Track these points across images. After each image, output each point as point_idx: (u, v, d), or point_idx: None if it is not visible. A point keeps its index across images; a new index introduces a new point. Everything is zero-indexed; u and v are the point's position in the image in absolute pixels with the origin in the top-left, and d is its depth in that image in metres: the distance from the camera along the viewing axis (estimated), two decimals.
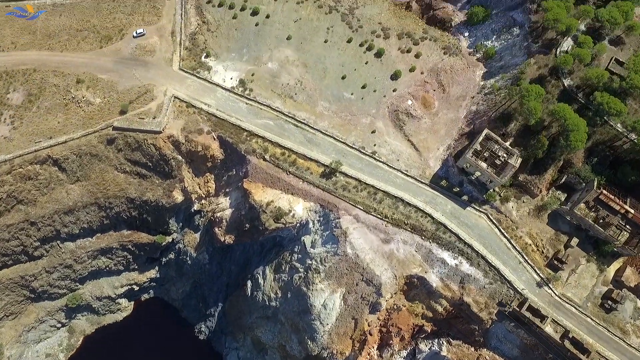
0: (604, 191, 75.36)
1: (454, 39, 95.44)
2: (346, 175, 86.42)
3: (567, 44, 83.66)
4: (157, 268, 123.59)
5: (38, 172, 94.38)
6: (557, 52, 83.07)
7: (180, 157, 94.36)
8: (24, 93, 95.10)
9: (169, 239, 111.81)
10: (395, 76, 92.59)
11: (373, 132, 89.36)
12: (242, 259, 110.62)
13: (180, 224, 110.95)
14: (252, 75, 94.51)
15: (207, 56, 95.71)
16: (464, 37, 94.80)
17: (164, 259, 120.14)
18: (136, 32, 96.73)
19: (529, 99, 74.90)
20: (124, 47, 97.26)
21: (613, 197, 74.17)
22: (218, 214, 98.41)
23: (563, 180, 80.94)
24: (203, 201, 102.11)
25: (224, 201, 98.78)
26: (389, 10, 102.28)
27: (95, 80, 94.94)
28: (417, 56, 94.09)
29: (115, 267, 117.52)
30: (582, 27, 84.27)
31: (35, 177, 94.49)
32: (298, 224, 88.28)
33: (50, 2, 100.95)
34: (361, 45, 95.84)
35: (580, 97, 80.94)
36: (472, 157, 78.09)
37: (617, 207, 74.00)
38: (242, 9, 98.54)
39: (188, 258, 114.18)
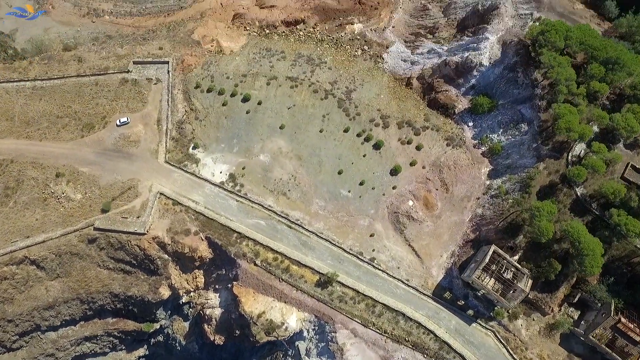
0: (622, 319, 69.11)
1: (457, 128, 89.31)
2: (343, 285, 79.93)
3: (579, 147, 77.49)
4: (145, 347, 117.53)
5: (15, 273, 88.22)
6: (569, 157, 77.03)
7: (166, 256, 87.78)
8: (1, 186, 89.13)
9: (156, 325, 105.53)
10: (395, 171, 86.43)
11: (371, 235, 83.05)
12: (234, 350, 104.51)
13: (169, 311, 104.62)
14: (242, 168, 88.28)
15: (195, 147, 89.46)
16: (468, 126, 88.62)
17: (152, 340, 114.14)
18: (120, 121, 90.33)
19: (540, 219, 68.78)
20: (107, 136, 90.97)
21: (633, 327, 68.07)
22: (207, 311, 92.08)
23: (577, 298, 74.90)
24: (192, 293, 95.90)
25: (214, 297, 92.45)
26: (389, 89, 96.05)
27: (76, 174, 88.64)
28: (418, 148, 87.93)
29: (101, 350, 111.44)
30: (595, 129, 78.49)
31: (12, 277, 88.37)
32: (291, 335, 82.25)
33: (30, 85, 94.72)
34: (359, 135, 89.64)
35: (594, 209, 74.80)
36: (478, 278, 72.08)
37: (638, 339, 67.99)
38: (233, 95, 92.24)
39: (177, 344, 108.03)
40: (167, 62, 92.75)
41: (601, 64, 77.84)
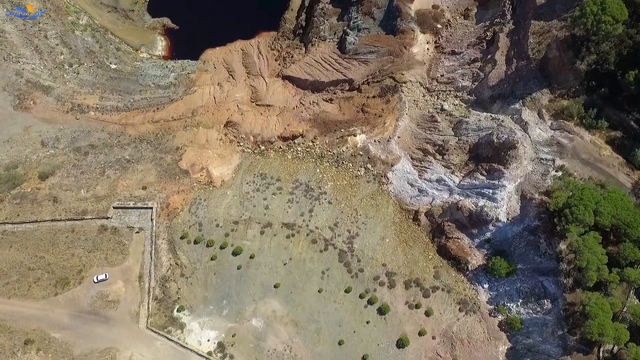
0: None
1: (470, 289, 79.66)
2: None
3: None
4: None
5: None
6: (601, 353, 67.88)
7: None
8: None
9: None
10: (401, 343, 76.41)
11: None
12: None
13: None
14: (232, 336, 78.23)
15: (180, 310, 79.53)
16: (483, 288, 78.86)
17: None
18: (97, 278, 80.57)
19: None
20: (83, 295, 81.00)
21: None
22: None
23: None
24: None
25: None
26: (394, 226, 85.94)
27: (48, 341, 78.23)
28: (427, 314, 78.25)
29: None
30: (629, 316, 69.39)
31: None
32: None
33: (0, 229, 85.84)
34: (362, 296, 79.77)
35: None
36: None
37: None
38: (223, 247, 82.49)
39: None
40: (151, 208, 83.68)
41: (635, 244, 68.78)
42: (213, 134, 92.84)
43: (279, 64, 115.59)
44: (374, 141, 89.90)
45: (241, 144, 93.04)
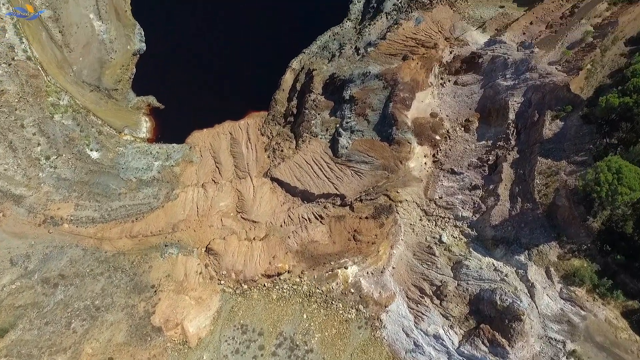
0: None
1: None
2: None
3: None
4: None
5: None
6: None
7: None
8: None
9: None
10: None
11: None
12: None
13: None
14: None
15: None
16: None
17: None
18: None
19: None
20: None
21: None
22: None
23: None
24: None
25: None
26: None
27: None
28: None
29: None
30: None
31: None
32: None
33: None
34: None
35: None
36: None
37: None
38: None
39: None
40: None
41: None
42: (193, 264, 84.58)
43: (268, 156, 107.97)
44: (367, 273, 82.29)
45: (222, 282, 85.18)
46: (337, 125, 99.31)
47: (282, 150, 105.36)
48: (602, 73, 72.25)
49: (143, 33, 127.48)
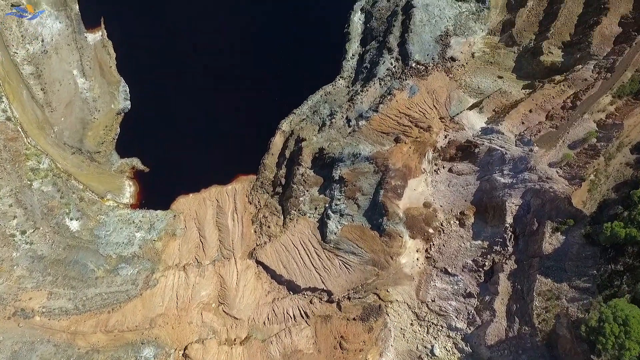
0: None
1: None
2: None
3: None
4: None
5: None
6: None
7: None
8: None
9: None
10: None
11: None
12: None
13: None
14: None
15: None
16: None
17: None
18: None
19: None
20: None
21: None
22: None
23: None
24: None
25: None
26: None
27: None
28: None
29: None
30: None
31: None
32: None
33: None
34: None
35: None
36: None
37: None
38: None
39: None
40: None
41: None
42: None
43: (255, 230, 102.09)
44: None
45: None
46: (326, 205, 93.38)
47: (269, 227, 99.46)
48: (607, 185, 66.72)
49: (128, 90, 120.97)
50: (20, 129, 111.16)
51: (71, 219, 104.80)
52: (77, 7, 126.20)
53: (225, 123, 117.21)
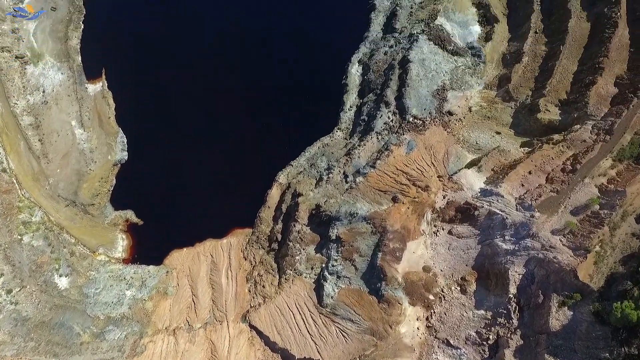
0: None
1: None
2: None
3: None
4: None
5: None
6: None
7: None
8: None
9: None
10: None
11: None
12: None
13: None
14: None
15: None
16: None
17: None
18: None
19: None
20: None
21: None
22: None
23: None
24: None
25: None
26: None
27: None
28: None
29: None
30: None
31: None
32: None
33: None
34: None
35: None
36: None
37: None
38: None
39: None
40: None
41: None
42: None
43: (249, 290, 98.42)
44: None
45: None
46: (323, 266, 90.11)
47: (263, 286, 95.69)
48: (613, 257, 63.94)
49: (126, 141, 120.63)
50: (15, 181, 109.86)
51: (60, 276, 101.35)
52: (80, 58, 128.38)
53: (222, 175, 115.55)
